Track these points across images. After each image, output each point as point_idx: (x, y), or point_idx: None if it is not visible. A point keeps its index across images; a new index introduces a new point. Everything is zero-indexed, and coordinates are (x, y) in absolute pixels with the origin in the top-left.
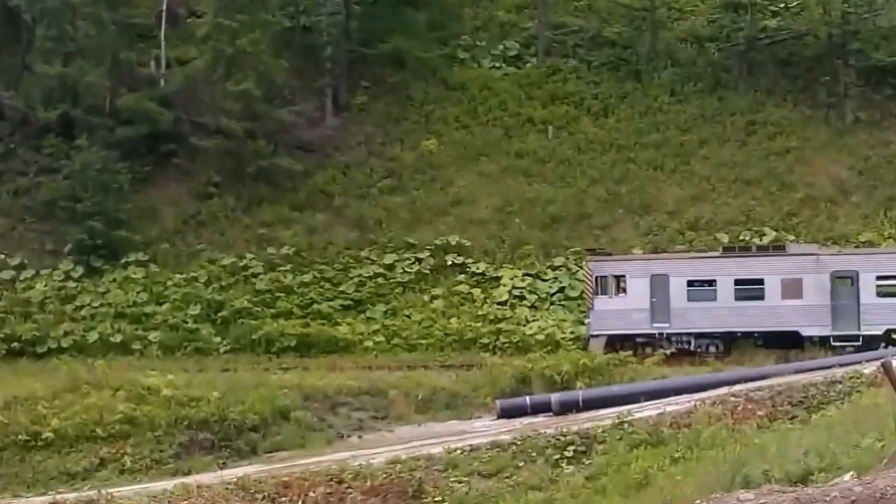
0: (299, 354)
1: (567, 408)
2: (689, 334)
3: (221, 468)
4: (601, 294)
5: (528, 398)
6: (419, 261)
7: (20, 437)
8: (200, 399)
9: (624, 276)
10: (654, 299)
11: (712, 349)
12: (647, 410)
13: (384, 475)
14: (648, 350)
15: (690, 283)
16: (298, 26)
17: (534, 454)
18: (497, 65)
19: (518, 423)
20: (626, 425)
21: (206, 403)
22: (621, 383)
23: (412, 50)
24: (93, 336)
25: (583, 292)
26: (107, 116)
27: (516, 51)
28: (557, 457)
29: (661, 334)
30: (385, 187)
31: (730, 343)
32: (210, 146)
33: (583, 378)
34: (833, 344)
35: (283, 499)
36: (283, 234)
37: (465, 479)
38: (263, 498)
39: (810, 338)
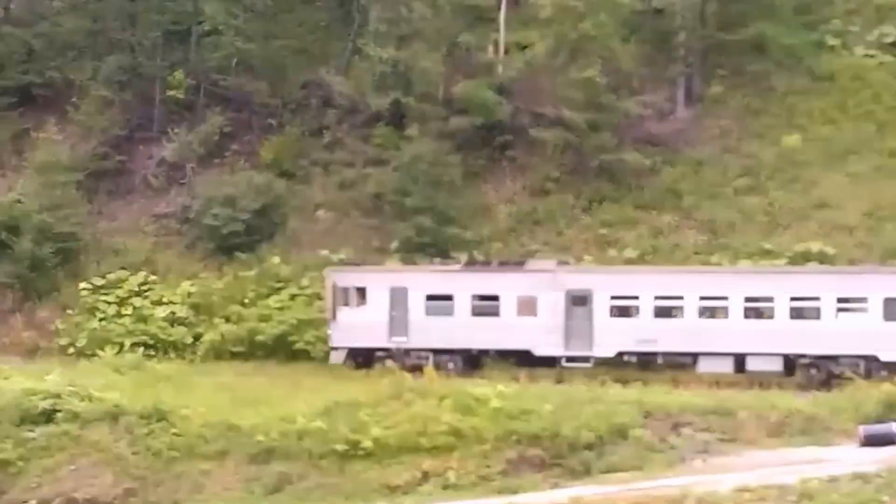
0: (639, 368)
1: None
2: (427, 350)
3: (552, 488)
4: (344, 306)
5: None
6: None
7: (339, 445)
8: (531, 412)
9: (365, 288)
10: (393, 313)
11: (451, 366)
12: None
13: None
14: (389, 364)
15: (430, 298)
16: (649, 9)
17: None
18: (871, 52)
19: (885, 452)
20: None
21: (537, 417)
22: None
23: (776, 36)
24: None
25: (322, 304)
26: (440, 105)
27: (894, 37)
28: None
29: (399, 349)
30: (741, 187)
31: (468, 360)
32: (549, 139)
33: None
34: (564, 365)
35: None
36: (626, 236)
37: None
38: None
39: (545, 358)
